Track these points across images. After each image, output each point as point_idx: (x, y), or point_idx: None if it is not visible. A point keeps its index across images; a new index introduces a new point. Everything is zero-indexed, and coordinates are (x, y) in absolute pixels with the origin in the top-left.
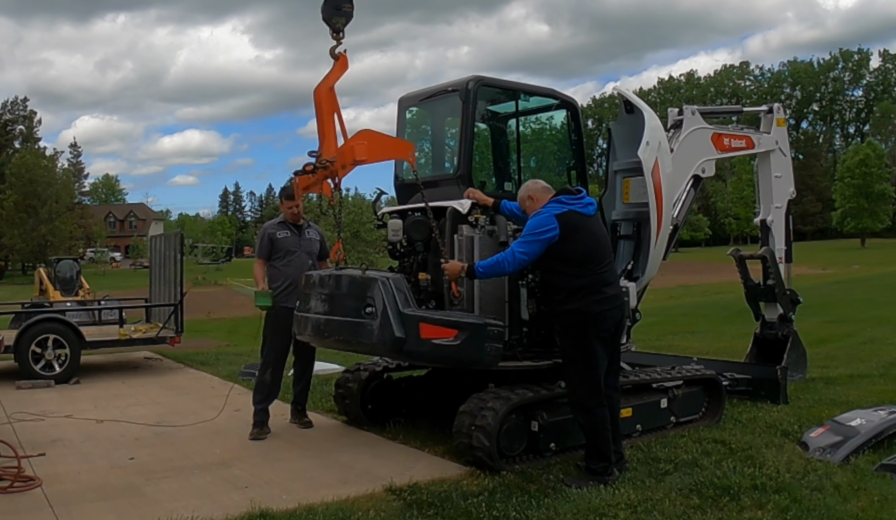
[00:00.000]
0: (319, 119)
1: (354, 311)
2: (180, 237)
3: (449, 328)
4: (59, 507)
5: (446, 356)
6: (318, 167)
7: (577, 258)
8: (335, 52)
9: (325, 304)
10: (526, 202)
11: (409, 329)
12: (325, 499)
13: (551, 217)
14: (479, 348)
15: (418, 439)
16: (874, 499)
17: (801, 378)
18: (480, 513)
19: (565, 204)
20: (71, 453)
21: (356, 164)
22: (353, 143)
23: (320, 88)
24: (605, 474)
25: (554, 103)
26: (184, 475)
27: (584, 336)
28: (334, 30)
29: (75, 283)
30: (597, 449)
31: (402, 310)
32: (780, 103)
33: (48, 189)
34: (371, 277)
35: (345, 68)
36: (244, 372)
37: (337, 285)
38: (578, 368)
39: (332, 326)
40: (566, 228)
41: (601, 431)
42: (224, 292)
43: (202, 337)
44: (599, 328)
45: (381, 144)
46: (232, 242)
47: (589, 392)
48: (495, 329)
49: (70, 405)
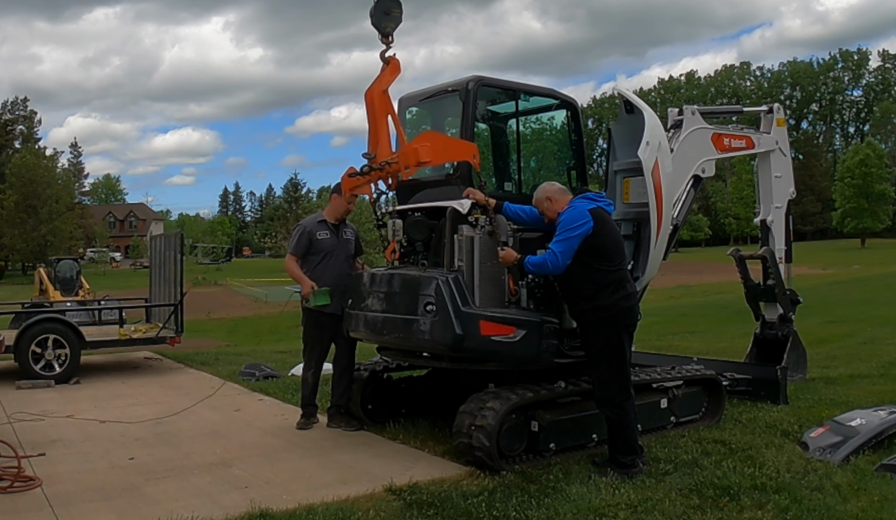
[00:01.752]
0: (372, 122)
1: (413, 309)
2: (180, 237)
3: (508, 326)
4: (59, 507)
5: (504, 354)
6: (374, 169)
7: (607, 253)
8: (385, 55)
9: (383, 302)
10: (544, 204)
11: (468, 327)
12: (325, 499)
13: (584, 212)
14: (537, 345)
15: (418, 439)
16: (874, 499)
17: (801, 378)
18: (480, 513)
19: (593, 200)
20: (71, 453)
21: (420, 165)
22: (417, 144)
23: (372, 91)
24: (633, 467)
25: (554, 103)
26: (184, 475)
27: (616, 331)
28: (384, 34)
29: (75, 283)
30: (626, 442)
31: (462, 308)
32: (779, 103)
33: (48, 189)
34: (431, 275)
35: (397, 72)
36: (244, 372)
37: (395, 284)
38: (610, 363)
39: (389, 323)
40: (599, 223)
41: (631, 424)
42: (224, 292)
43: (202, 337)
44: (629, 323)
45: (445, 145)
46: (232, 242)
47: (620, 387)
48: (551, 326)
49: (70, 405)
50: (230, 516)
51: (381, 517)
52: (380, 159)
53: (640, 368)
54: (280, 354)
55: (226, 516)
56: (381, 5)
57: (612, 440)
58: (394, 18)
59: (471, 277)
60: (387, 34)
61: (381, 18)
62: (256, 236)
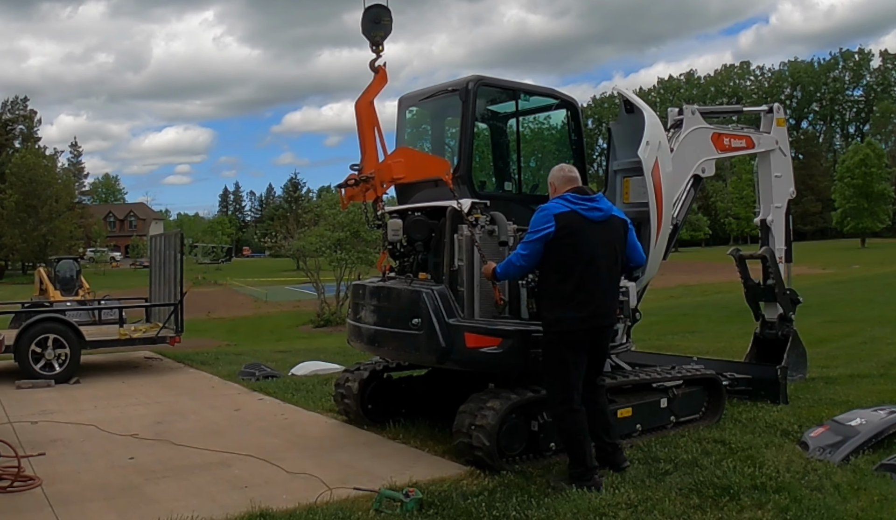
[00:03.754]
0: (360, 133)
1: (402, 323)
2: (180, 237)
3: (493, 337)
4: (59, 506)
5: (491, 364)
6: (360, 181)
7: (558, 266)
8: (374, 65)
9: (375, 315)
10: (549, 189)
11: (454, 339)
12: (325, 499)
13: (549, 215)
14: (524, 354)
15: (418, 439)
16: (874, 499)
17: (800, 378)
18: (480, 512)
19: (570, 203)
20: (71, 453)
21: (394, 181)
22: (391, 161)
23: (361, 102)
24: (584, 479)
25: (554, 103)
26: (184, 475)
27: (555, 346)
28: (373, 43)
29: (75, 282)
30: (572, 453)
31: (447, 321)
32: (780, 103)
33: (48, 189)
34: (416, 289)
35: (384, 82)
36: (244, 372)
37: (385, 298)
38: (549, 374)
39: (382, 336)
40: (563, 229)
41: (574, 436)
42: (224, 292)
43: (202, 337)
44: (570, 341)
45: (419, 161)
46: (232, 241)
47: (561, 397)
48: (538, 334)
49: (70, 405)
50: (230, 515)
51: (381, 517)
52: (365, 172)
53: (640, 367)
54: (280, 353)
55: (226, 516)
56: (370, 14)
57: (567, 451)
58: (383, 27)
59: (471, 276)
60: (377, 43)
61: (370, 27)
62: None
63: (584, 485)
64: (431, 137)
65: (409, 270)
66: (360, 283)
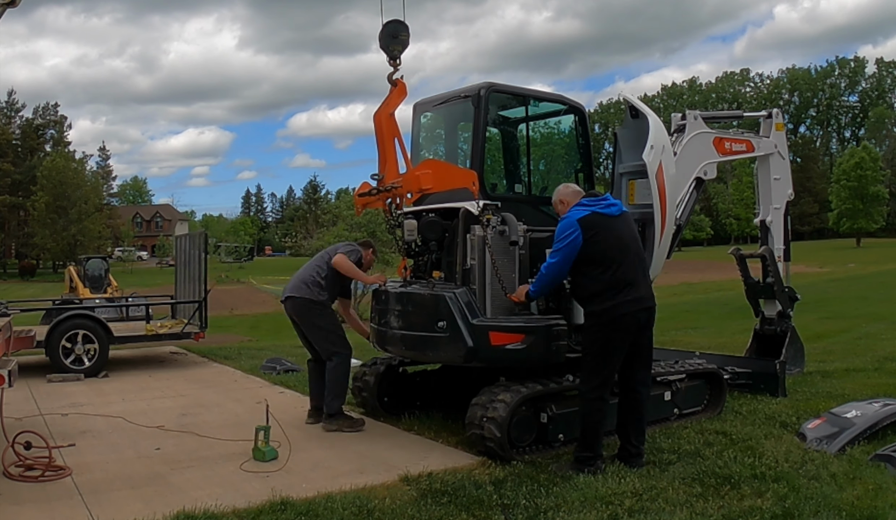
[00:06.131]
0: (381, 144)
1: (428, 326)
2: (204, 237)
3: (517, 334)
4: (89, 495)
5: (516, 359)
6: (381, 190)
7: (597, 259)
8: (392, 78)
9: (400, 320)
10: (558, 206)
11: (479, 339)
12: (343, 487)
13: (573, 222)
14: (547, 348)
15: (432, 430)
16: (869, 487)
17: (798, 372)
18: (492, 501)
19: (587, 206)
20: (99, 444)
21: (422, 192)
22: (419, 172)
23: (380, 114)
24: (588, 464)
25: (562, 109)
26: (207, 465)
27: (603, 336)
28: (391, 57)
29: (104, 280)
30: (585, 439)
31: (471, 321)
32: (779, 109)
33: (78, 191)
34: (439, 293)
35: (403, 94)
36: (266, 366)
37: (409, 302)
38: (592, 362)
39: (409, 340)
40: (588, 230)
41: (594, 424)
42: (246, 290)
43: (225, 333)
44: (619, 330)
45: (446, 173)
46: (254, 241)
47: (595, 385)
48: (559, 328)
49: (99, 398)
50: (252, 503)
51: (396, 505)
52: (387, 182)
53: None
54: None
55: (248, 504)
56: (388, 28)
57: (579, 436)
58: (401, 42)
59: (482, 275)
60: (394, 57)
61: (388, 41)
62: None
63: (585, 468)
64: (445, 141)
65: (424, 270)
66: (382, 288)
